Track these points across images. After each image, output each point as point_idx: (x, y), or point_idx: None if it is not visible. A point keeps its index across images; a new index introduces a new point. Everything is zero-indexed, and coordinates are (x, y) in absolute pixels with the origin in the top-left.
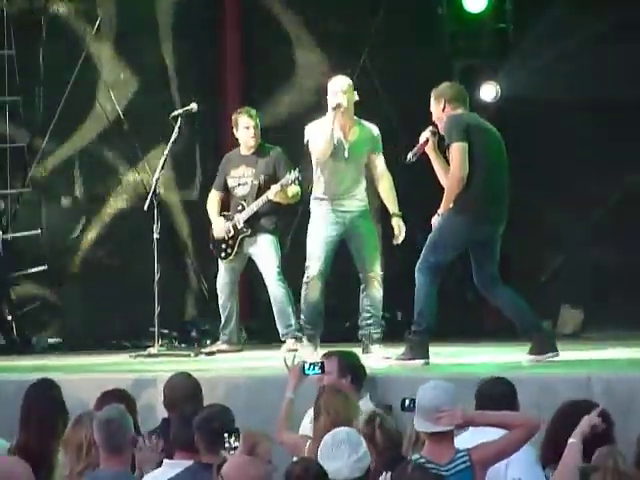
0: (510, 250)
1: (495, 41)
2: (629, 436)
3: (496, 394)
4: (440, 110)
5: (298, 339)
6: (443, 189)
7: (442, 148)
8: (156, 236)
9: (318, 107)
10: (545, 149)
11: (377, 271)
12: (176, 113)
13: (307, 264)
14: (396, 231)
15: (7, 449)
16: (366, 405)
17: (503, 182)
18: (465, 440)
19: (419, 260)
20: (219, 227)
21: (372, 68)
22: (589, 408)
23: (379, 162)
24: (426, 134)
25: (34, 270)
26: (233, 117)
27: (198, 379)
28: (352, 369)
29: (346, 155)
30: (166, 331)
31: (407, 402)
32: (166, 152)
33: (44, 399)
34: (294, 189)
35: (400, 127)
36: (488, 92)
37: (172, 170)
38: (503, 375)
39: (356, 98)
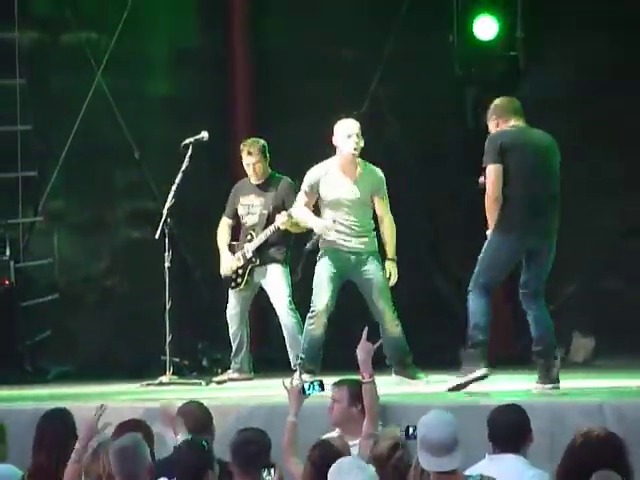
0: (515, 281)
1: (506, 68)
2: None
3: (509, 422)
4: (494, 127)
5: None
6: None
7: None
8: (167, 265)
9: (327, 134)
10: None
11: (394, 317)
12: (187, 142)
13: (313, 300)
14: (388, 275)
15: (20, 478)
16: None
17: (545, 194)
18: (482, 468)
19: (471, 282)
20: (226, 264)
21: (382, 96)
22: (603, 437)
23: (382, 206)
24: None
25: (46, 299)
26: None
27: (209, 407)
28: (362, 397)
29: (352, 198)
30: (177, 360)
31: (411, 430)
32: (177, 181)
33: (56, 427)
34: None
35: (410, 156)
36: None
37: (183, 198)
38: (514, 402)
39: (362, 143)
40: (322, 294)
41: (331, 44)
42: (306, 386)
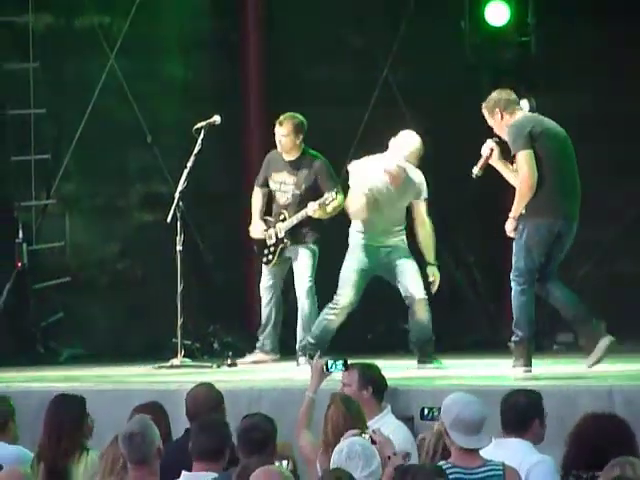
0: None
1: (518, 54)
2: None
3: (516, 406)
4: (499, 120)
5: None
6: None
7: (507, 155)
8: (179, 248)
9: (339, 120)
10: None
11: (425, 301)
12: (199, 125)
13: (339, 292)
14: (431, 279)
15: (31, 460)
16: (388, 416)
17: (572, 179)
18: (488, 453)
19: (512, 272)
20: (256, 229)
21: (394, 82)
22: (610, 420)
23: (421, 209)
24: (489, 145)
25: (58, 281)
26: None
27: (220, 390)
28: (373, 381)
29: (394, 200)
30: (188, 342)
31: (426, 411)
32: (189, 164)
33: (64, 413)
34: (334, 204)
35: (423, 141)
36: (523, 106)
37: (195, 182)
38: (524, 387)
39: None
40: (349, 290)
41: (343, 29)
42: (330, 363)
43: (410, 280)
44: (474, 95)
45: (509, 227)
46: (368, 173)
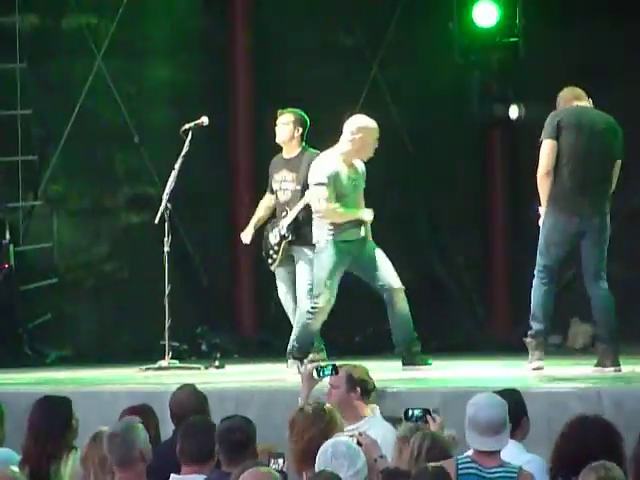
0: (520, 265)
1: (506, 55)
2: None
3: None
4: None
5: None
6: None
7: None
8: (167, 249)
9: (328, 121)
10: None
11: (402, 293)
12: (187, 127)
13: (316, 293)
14: None
15: (19, 462)
16: (376, 418)
17: (596, 176)
18: None
19: (536, 265)
20: (245, 235)
21: (383, 82)
22: (598, 422)
23: (361, 197)
24: None
25: (45, 283)
26: None
27: (208, 392)
28: (361, 382)
29: (357, 189)
30: (176, 344)
31: (410, 412)
32: (177, 166)
33: (47, 415)
34: None
35: (410, 141)
36: (513, 112)
37: (182, 183)
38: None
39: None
40: (325, 291)
41: (332, 29)
42: (319, 369)
43: (384, 271)
44: (462, 95)
45: (538, 221)
46: (329, 168)
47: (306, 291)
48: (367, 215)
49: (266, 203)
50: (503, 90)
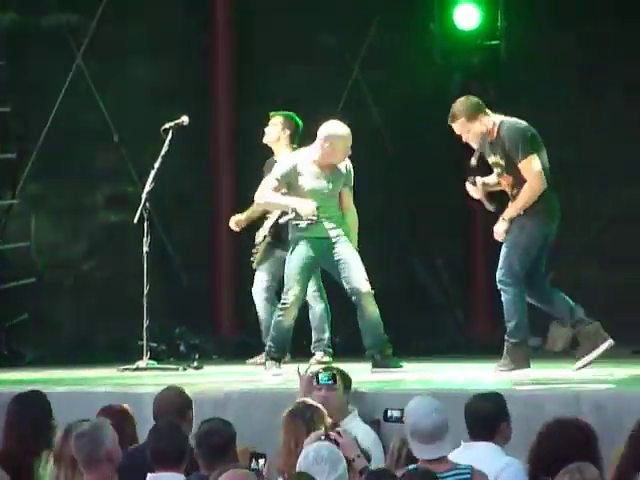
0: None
1: (487, 58)
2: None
3: (482, 410)
4: (480, 127)
5: (327, 353)
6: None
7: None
8: (146, 249)
9: (309, 121)
10: None
11: (371, 296)
12: (167, 126)
13: (285, 290)
14: None
15: None
16: (355, 420)
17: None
18: (456, 455)
19: (501, 272)
20: (235, 219)
21: (364, 83)
22: (575, 425)
23: (347, 197)
24: (472, 187)
25: (23, 282)
26: None
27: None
28: (350, 383)
29: (328, 189)
30: (155, 345)
31: (389, 413)
32: (157, 165)
33: (27, 411)
34: None
35: (392, 142)
36: None
37: (162, 183)
38: (489, 390)
39: None
40: (295, 286)
41: (313, 30)
42: (320, 376)
43: (355, 273)
44: (443, 98)
45: (501, 229)
46: (299, 165)
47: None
48: (301, 206)
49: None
50: (484, 92)
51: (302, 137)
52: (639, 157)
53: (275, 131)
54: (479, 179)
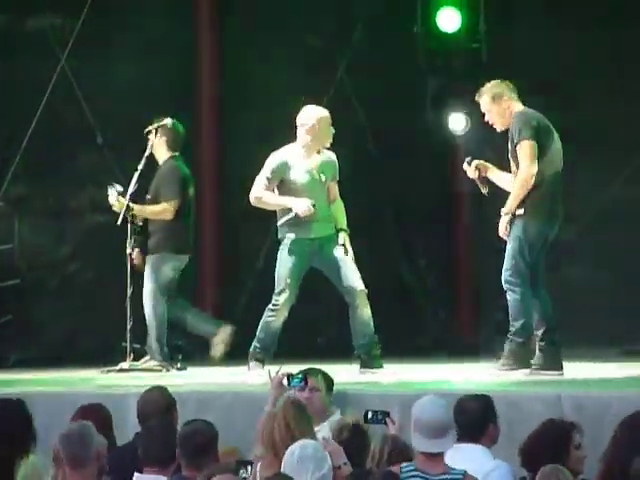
0: (481, 269)
1: (468, 61)
2: (598, 453)
3: (469, 412)
4: (504, 109)
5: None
6: None
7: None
8: (129, 251)
9: (293, 122)
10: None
11: (364, 296)
12: (150, 128)
13: (277, 290)
14: (340, 242)
15: None
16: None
17: (560, 181)
18: (445, 458)
19: (507, 273)
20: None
21: (348, 84)
22: (565, 427)
23: (335, 190)
24: (469, 168)
25: (7, 284)
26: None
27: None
28: (332, 384)
29: (320, 181)
30: (138, 346)
31: (370, 414)
32: (140, 167)
33: (5, 417)
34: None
35: (376, 142)
36: (458, 123)
37: (145, 185)
38: (474, 392)
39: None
40: (286, 288)
41: (298, 31)
42: (289, 378)
43: (348, 272)
44: (426, 99)
45: (501, 223)
46: (289, 160)
47: (146, 297)
48: (297, 204)
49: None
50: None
51: (286, 136)
52: (621, 159)
53: (150, 140)
54: (476, 161)
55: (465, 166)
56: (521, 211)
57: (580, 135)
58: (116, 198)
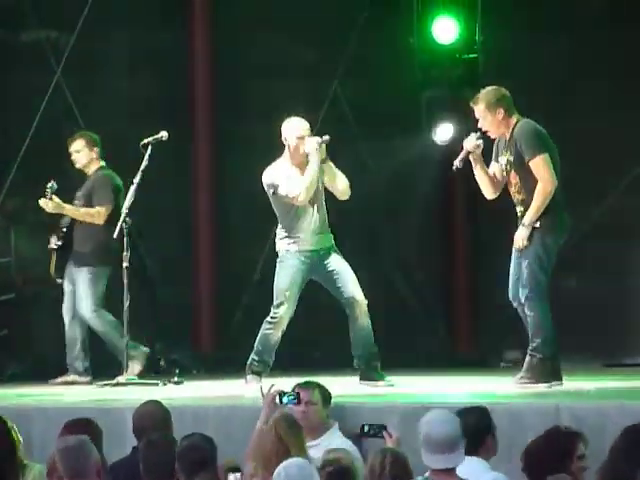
0: (476, 282)
1: (465, 71)
2: (596, 465)
3: (472, 423)
4: (498, 119)
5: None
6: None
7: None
8: (126, 264)
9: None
10: None
11: (365, 306)
12: (146, 141)
13: (276, 303)
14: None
15: None
16: (335, 434)
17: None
18: None
19: (527, 289)
20: None
21: (343, 97)
22: (571, 436)
23: (332, 168)
24: (474, 140)
25: (3, 298)
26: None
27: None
28: (329, 397)
29: (314, 200)
30: None
31: (366, 428)
32: (136, 180)
33: None
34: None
35: (370, 156)
36: (445, 132)
37: (142, 198)
38: (472, 404)
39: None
40: (285, 301)
41: (292, 44)
42: (282, 396)
43: (348, 283)
44: (422, 111)
45: (521, 235)
46: (282, 176)
47: (85, 310)
48: (313, 156)
49: None
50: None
51: (281, 149)
52: (613, 171)
53: (84, 155)
54: (481, 142)
55: (471, 137)
56: (537, 224)
57: (577, 146)
58: (50, 196)
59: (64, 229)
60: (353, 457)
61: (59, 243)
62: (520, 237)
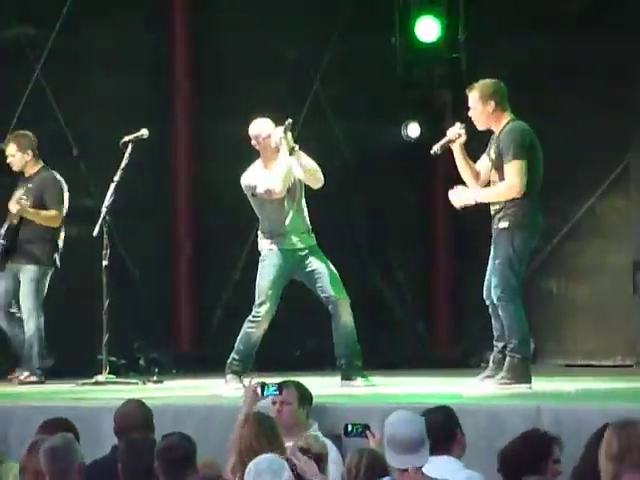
0: (461, 282)
1: (448, 70)
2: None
3: (434, 424)
4: (488, 111)
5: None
6: None
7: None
8: (105, 263)
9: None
10: None
11: (348, 305)
12: (126, 139)
13: (258, 302)
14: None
15: None
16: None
17: (541, 192)
18: None
19: (498, 290)
20: None
21: (324, 97)
22: (547, 439)
23: (303, 157)
24: (458, 130)
25: None
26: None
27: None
28: (308, 397)
29: (290, 191)
30: (114, 359)
31: (350, 428)
32: (116, 178)
33: None
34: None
35: (351, 156)
36: (413, 131)
37: (121, 196)
38: (451, 405)
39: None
40: (267, 300)
41: (273, 43)
42: (263, 387)
43: (330, 281)
44: (404, 111)
45: (460, 200)
46: (258, 178)
47: (28, 310)
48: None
49: None
50: (444, 104)
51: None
52: (594, 170)
53: (18, 159)
54: (464, 133)
55: (455, 125)
56: (505, 224)
57: (559, 146)
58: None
59: (7, 228)
60: (332, 458)
61: (2, 242)
62: (459, 199)
